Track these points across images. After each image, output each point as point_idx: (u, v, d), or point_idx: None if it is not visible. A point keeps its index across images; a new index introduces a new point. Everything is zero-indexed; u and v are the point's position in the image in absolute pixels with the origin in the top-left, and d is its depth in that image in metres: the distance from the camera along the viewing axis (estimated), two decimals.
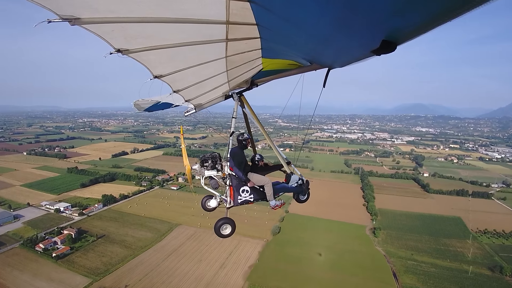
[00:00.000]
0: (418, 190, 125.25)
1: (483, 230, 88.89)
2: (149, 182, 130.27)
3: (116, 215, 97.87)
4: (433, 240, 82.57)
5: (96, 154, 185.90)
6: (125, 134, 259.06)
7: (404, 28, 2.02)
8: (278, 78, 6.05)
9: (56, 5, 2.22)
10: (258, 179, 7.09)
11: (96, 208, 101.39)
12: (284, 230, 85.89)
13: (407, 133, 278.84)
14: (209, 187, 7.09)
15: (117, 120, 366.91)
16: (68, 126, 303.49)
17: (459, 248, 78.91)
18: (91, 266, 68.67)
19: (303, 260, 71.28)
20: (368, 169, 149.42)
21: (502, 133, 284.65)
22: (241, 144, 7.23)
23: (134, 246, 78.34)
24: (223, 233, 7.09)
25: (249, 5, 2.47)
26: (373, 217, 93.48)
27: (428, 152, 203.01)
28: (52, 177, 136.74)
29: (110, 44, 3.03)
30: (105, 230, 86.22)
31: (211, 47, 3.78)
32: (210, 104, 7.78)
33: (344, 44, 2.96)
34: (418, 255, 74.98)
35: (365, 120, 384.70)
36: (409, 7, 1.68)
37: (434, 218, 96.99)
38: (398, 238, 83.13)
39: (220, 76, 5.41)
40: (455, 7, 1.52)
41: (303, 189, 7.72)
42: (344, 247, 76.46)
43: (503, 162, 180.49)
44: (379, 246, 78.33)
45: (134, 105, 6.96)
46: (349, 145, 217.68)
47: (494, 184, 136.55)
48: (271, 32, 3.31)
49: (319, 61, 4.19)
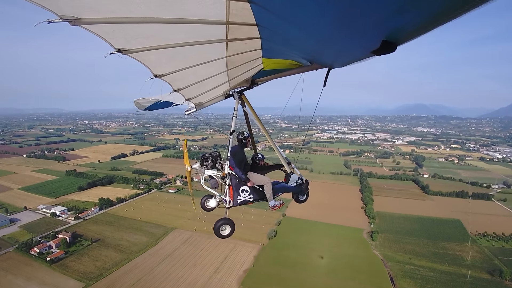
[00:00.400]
0: (418, 191, 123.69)
1: (482, 233, 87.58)
2: (147, 185, 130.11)
3: (112, 219, 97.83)
4: (431, 244, 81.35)
5: (96, 156, 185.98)
6: (125, 136, 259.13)
7: (404, 29, 2.03)
8: (278, 78, 6.11)
9: (56, 6, 2.24)
10: (257, 179, 7.03)
11: (92, 212, 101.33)
12: (281, 234, 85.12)
13: (408, 134, 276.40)
14: (208, 186, 7.01)
15: (118, 122, 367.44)
16: (69, 129, 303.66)
17: (458, 252, 77.73)
18: (85, 270, 68.53)
19: (299, 264, 70.44)
20: (368, 170, 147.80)
21: (504, 133, 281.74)
22: (241, 143, 7.16)
23: (128, 250, 78.04)
24: (223, 233, 7.00)
25: (249, 5, 2.45)
26: (371, 220, 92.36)
27: (429, 152, 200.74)
28: (51, 180, 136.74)
29: (111, 44, 3.05)
30: (100, 234, 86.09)
31: (211, 47, 3.81)
32: (210, 103, 7.81)
33: (344, 44, 2.96)
34: (416, 259, 73.85)
35: (366, 121, 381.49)
36: (409, 7, 1.68)
37: (433, 220, 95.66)
38: (396, 241, 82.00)
39: (221, 76, 5.48)
40: (455, 7, 1.52)
41: (302, 189, 7.75)
42: (341, 251, 75.54)
43: (504, 162, 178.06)
44: (377, 250, 77.27)
45: (135, 104, 7.07)
46: (349, 145, 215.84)
47: (495, 185, 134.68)
48: (271, 32, 3.33)
49: (319, 61, 4.23)
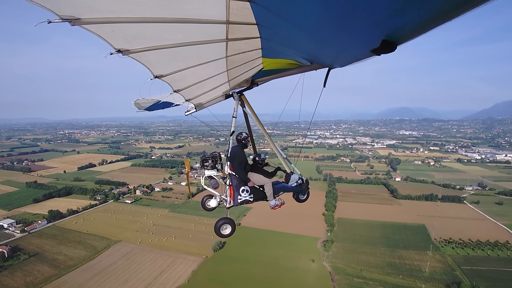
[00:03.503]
0: (387, 196, 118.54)
1: (447, 239, 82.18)
2: (104, 195, 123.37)
3: (58, 231, 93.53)
4: (389, 253, 75.58)
5: (63, 166, 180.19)
6: (101, 145, 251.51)
7: (404, 28, 2.00)
8: (278, 78, 6.01)
9: (56, 6, 2.22)
10: (258, 179, 6.93)
11: (39, 224, 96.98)
12: (229, 245, 78.74)
13: (390, 137, 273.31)
14: (209, 186, 6.85)
15: (99, 131, 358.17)
16: (45, 139, 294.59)
17: (417, 261, 72.03)
18: (13, 286, 64.66)
19: (239, 280, 64.19)
20: (339, 175, 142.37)
21: (486, 134, 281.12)
22: (241, 144, 6.98)
23: (63, 265, 74.08)
24: (223, 233, 6.83)
25: (249, 5, 2.43)
26: (328, 228, 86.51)
27: (406, 155, 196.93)
28: (10, 192, 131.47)
29: (111, 44, 2.98)
30: (41, 248, 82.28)
31: (211, 47, 3.73)
32: (210, 103, 7.64)
33: (344, 43, 2.90)
34: (368, 271, 67.86)
35: (350, 125, 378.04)
36: (409, 7, 1.67)
37: (397, 227, 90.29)
38: (351, 251, 76.01)
39: (221, 76, 5.37)
40: (455, 6, 1.51)
41: (302, 189, 7.87)
42: (288, 264, 69.36)
43: (482, 163, 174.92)
44: (327, 262, 71.19)
45: (135, 104, 7.20)
46: (327, 150, 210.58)
47: (469, 187, 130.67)
48: (271, 32, 3.25)
49: (319, 61, 4.16)
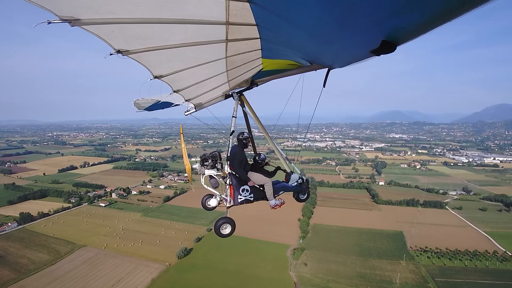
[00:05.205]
0: (368, 201, 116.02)
1: (423, 248, 78.93)
2: (79, 198, 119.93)
3: (26, 234, 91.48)
4: (360, 262, 72.55)
5: (44, 169, 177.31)
6: (86, 148, 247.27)
7: (404, 29, 2.02)
8: (278, 78, 6.00)
9: (56, 6, 2.22)
10: (258, 178, 6.88)
11: (9, 227, 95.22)
12: (196, 252, 75.80)
13: (379, 140, 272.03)
14: (209, 186, 6.73)
15: (87, 133, 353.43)
16: (32, 140, 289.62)
17: (388, 272, 69.04)
18: None
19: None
20: (321, 178, 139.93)
21: (475, 137, 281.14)
22: (241, 143, 6.91)
23: (24, 269, 71.99)
24: (223, 232, 6.74)
25: (249, 5, 2.42)
26: (301, 235, 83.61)
27: (393, 158, 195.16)
28: None
29: (110, 45, 2.98)
30: (5, 251, 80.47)
31: (211, 48, 3.72)
32: (210, 103, 7.55)
33: (344, 44, 2.90)
34: (336, 282, 64.81)
35: (341, 128, 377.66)
36: (410, 7, 1.66)
37: (373, 234, 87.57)
38: (320, 260, 72.99)
39: (220, 76, 5.34)
40: (455, 7, 1.51)
41: (303, 188, 7.74)
42: (252, 273, 66.40)
43: (469, 167, 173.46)
44: (294, 271, 68.18)
45: (134, 104, 7.10)
46: (314, 153, 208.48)
47: (452, 192, 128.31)
48: (271, 33, 3.24)
49: (319, 61, 4.15)
